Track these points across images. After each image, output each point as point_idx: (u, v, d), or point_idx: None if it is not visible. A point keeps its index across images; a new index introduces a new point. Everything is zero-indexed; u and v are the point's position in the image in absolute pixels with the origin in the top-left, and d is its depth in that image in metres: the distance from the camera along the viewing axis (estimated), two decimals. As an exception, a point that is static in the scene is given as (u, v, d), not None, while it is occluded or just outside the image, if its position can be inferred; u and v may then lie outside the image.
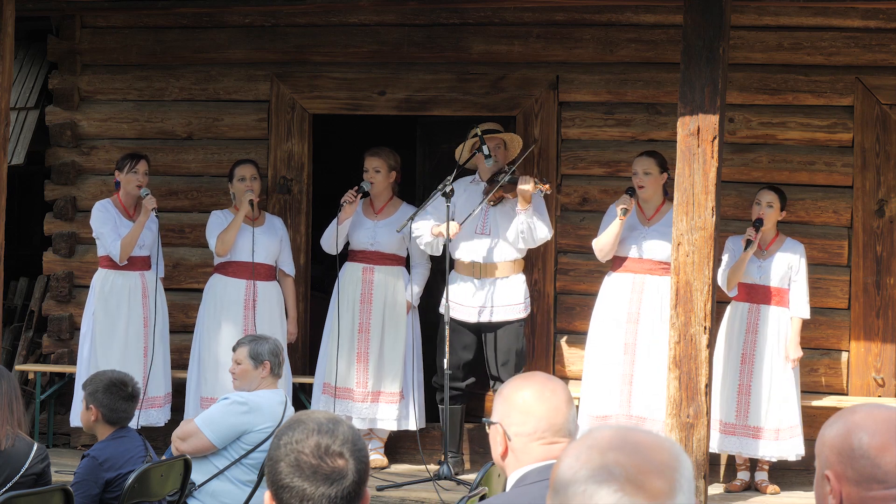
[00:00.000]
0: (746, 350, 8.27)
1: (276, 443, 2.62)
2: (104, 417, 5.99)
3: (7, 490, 5.41)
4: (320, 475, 2.56)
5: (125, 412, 6.01)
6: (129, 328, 8.71)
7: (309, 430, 2.60)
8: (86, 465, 5.89)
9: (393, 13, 9.19)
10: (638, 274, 8.35)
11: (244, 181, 8.78)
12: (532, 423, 3.31)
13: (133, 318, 8.74)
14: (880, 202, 8.65)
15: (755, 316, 8.29)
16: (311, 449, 2.58)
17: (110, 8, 9.16)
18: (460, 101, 9.18)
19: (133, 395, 6.03)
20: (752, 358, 8.26)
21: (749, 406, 8.23)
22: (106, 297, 8.72)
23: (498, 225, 8.54)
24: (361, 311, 8.76)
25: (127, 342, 8.70)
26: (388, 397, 8.73)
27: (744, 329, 8.29)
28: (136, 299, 8.76)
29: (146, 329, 8.76)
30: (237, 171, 8.83)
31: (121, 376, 6.10)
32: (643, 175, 8.32)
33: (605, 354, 8.32)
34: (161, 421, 8.81)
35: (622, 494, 2.05)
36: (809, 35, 8.72)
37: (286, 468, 2.57)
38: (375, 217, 8.88)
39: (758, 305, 8.30)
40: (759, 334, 8.27)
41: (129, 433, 6.11)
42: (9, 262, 8.06)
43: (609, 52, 8.98)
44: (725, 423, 8.23)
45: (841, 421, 2.54)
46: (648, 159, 8.34)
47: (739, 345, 8.27)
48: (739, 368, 8.25)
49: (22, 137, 9.84)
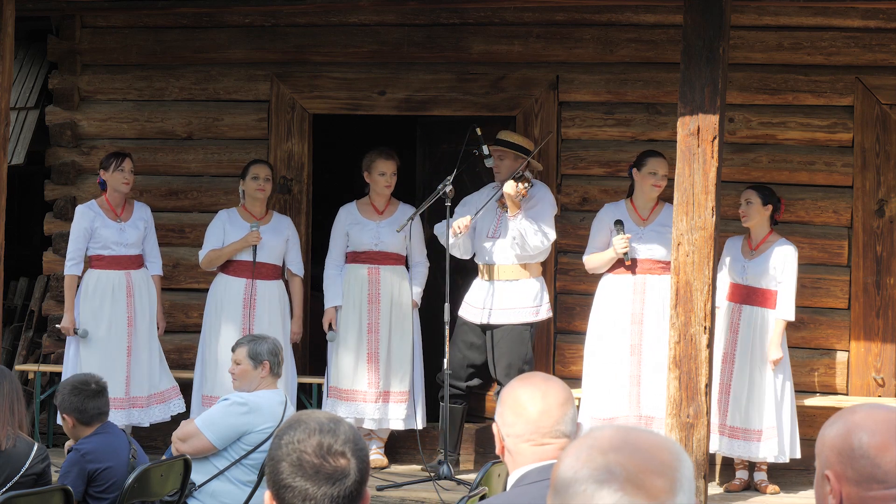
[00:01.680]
0: (727, 349, 8.26)
1: (277, 442, 2.61)
2: (79, 420, 6.00)
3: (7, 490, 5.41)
4: (322, 475, 2.56)
5: (97, 409, 6.01)
6: (111, 327, 8.69)
7: (311, 429, 2.60)
8: (69, 458, 5.94)
9: (393, 13, 9.19)
10: (638, 275, 8.35)
11: (257, 180, 8.77)
12: (521, 425, 3.34)
13: (116, 317, 8.71)
14: (880, 202, 8.66)
15: (737, 316, 8.28)
16: (313, 448, 2.58)
17: (110, 8, 9.16)
18: (460, 101, 9.18)
19: (98, 390, 6.03)
20: (731, 357, 8.24)
21: (728, 406, 8.22)
22: (90, 296, 8.72)
23: (507, 228, 8.53)
24: (370, 312, 8.76)
25: (108, 342, 8.68)
26: (398, 397, 8.74)
27: (727, 329, 8.27)
28: (120, 298, 8.73)
29: (130, 328, 8.74)
30: (252, 169, 8.81)
31: (81, 377, 6.15)
32: (662, 177, 8.32)
33: (609, 357, 8.30)
34: (145, 422, 8.77)
35: (623, 494, 2.05)
36: (809, 35, 8.72)
37: (288, 468, 2.57)
38: (378, 217, 8.88)
39: (740, 305, 8.29)
40: (740, 334, 8.25)
41: (113, 429, 6.12)
42: (9, 262, 8.06)
43: (609, 52, 8.99)
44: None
45: (841, 421, 2.54)
46: (665, 161, 8.30)
47: (721, 344, 8.25)
48: (721, 368, 8.23)
49: (22, 137, 9.84)
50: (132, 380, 8.68)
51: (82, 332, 8.63)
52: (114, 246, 8.74)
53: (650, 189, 8.35)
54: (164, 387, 8.84)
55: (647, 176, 8.33)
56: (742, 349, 8.22)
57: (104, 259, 8.74)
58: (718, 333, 8.22)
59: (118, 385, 8.51)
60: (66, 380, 6.26)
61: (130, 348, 8.72)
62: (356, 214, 8.90)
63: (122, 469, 5.88)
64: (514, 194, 8.29)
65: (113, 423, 6.21)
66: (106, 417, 6.08)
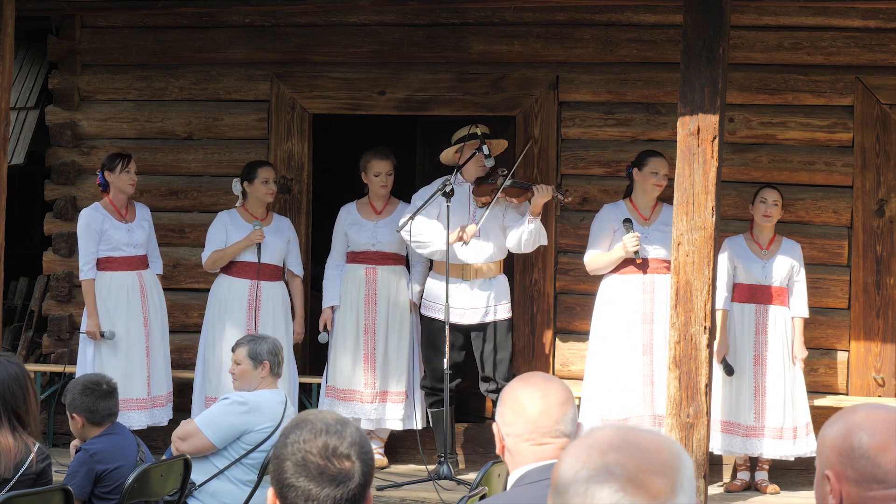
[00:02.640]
0: (758, 351, 8.28)
1: (283, 441, 2.60)
2: (89, 420, 6.00)
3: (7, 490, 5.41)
4: (326, 476, 2.56)
5: (107, 409, 6.01)
6: (129, 328, 8.71)
7: (317, 430, 2.59)
8: (78, 458, 5.93)
9: (393, 13, 9.19)
10: (647, 274, 8.35)
11: (268, 184, 8.78)
12: (520, 424, 3.34)
13: (133, 317, 8.73)
14: (880, 202, 8.66)
15: (763, 317, 8.30)
16: (318, 449, 2.57)
17: (110, 8, 9.16)
18: (460, 101, 9.18)
19: (109, 391, 6.03)
20: (764, 359, 8.26)
21: (766, 408, 8.22)
22: (105, 299, 8.71)
23: (487, 227, 8.54)
24: (367, 312, 8.77)
25: (129, 343, 8.70)
26: (395, 397, 8.75)
27: (753, 330, 8.29)
28: (135, 299, 8.75)
29: (147, 328, 8.76)
30: (261, 172, 8.79)
31: (92, 377, 6.15)
32: (663, 177, 8.33)
33: (616, 356, 8.28)
34: (164, 420, 8.80)
35: (623, 494, 2.05)
36: (809, 35, 8.72)
37: (292, 467, 2.56)
38: (376, 218, 8.88)
39: (765, 306, 8.31)
40: (769, 335, 8.27)
41: (122, 430, 6.12)
42: (9, 262, 8.06)
43: (609, 52, 8.98)
44: (730, 423, 8.22)
45: (841, 421, 2.54)
46: (666, 161, 8.32)
47: (751, 346, 8.27)
48: (754, 370, 8.25)
49: (22, 137, 9.84)
50: (152, 379, 8.71)
51: (109, 335, 8.61)
52: (124, 247, 8.74)
53: (652, 189, 8.35)
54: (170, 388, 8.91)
55: (649, 175, 8.34)
56: (773, 350, 8.23)
57: (115, 261, 8.73)
58: (742, 336, 8.23)
59: (140, 385, 8.56)
60: (76, 380, 6.25)
61: (149, 348, 8.74)
62: (355, 215, 8.90)
63: (130, 470, 5.88)
64: (548, 199, 8.35)
65: (122, 424, 6.21)
66: (115, 418, 6.09)
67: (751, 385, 8.24)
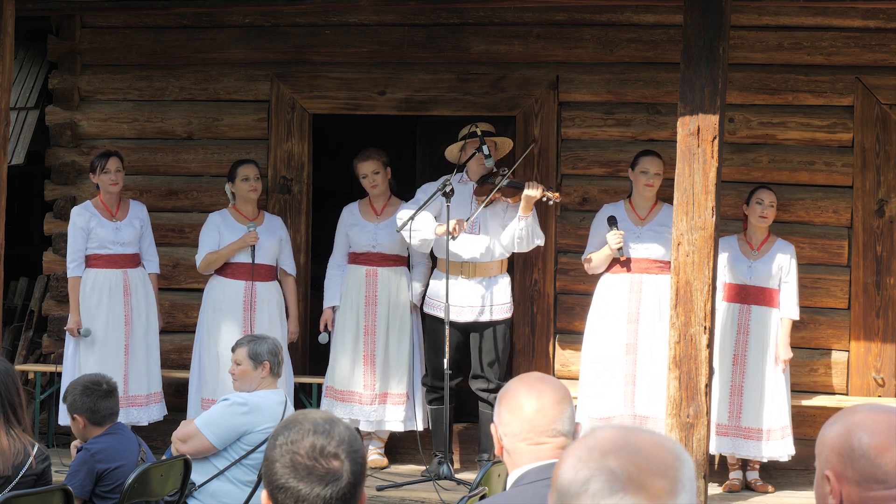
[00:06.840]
0: (738, 350, 8.29)
1: (273, 443, 2.61)
2: (90, 421, 6.00)
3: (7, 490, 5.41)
4: (315, 476, 2.56)
5: (108, 409, 6.02)
6: (108, 326, 8.71)
7: (305, 430, 2.59)
8: (79, 457, 5.93)
9: (393, 13, 9.19)
10: (635, 273, 8.36)
11: (248, 181, 8.79)
12: (517, 424, 3.35)
13: (113, 316, 8.73)
14: (880, 202, 8.66)
15: (746, 317, 8.30)
16: (306, 450, 2.57)
17: (110, 8, 9.16)
18: (460, 101, 9.18)
19: (110, 391, 6.03)
20: (743, 358, 8.28)
21: (742, 408, 8.24)
22: (87, 295, 8.74)
23: (488, 225, 8.54)
24: (367, 313, 8.76)
25: (106, 340, 8.69)
26: (396, 398, 8.74)
27: (735, 330, 8.30)
28: (117, 297, 8.75)
29: (128, 327, 8.75)
30: (240, 170, 8.83)
31: (93, 377, 6.14)
32: (654, 175, 8.34)
33: (605, 355, 8.32)
34: (144, 420, 8.78)
35: (624, 495, 2.05)
36: (809, 35, 8.72)
37: (281, 468, 2.57)
38: (376, 219, 8.88)
39: (748, 306, 8.31)
40: (750, 335, 8.28)
41: (124, 430, 6.13)
42: (9, 262, 8.07)
43: (609, 52, 8.98)
44: (718, 424, 8.23)
45: (841, 421, 2.54)
46: (658, 160, 8.34)
47: (731, 345, 8.30)
48: (732, 369, 8.27)
49: (22, 137, 9.85)
50: (130, 378, 8.70)
51: (85, 332, 8.65)
52: (110, 245, 8.76)
53: (643, 188, 8.37)
54: (155, 388, 8.86)
55: (639, 175, 8.37)
56: (754, 350, 8.24)
57: (101, 258, 8.76)
58: (724, 335, 8.24)
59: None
60: (76, 380, 6.25)
61: (128, 347, 8.73)
62: (356, 215, 8.90)
63: (131, 469, 5.88)
64: (539, 197, 8.32)
65: (123, 424, 6.21)
66: (116, 418, 6.09)
67: (727, 384, 8.25)
